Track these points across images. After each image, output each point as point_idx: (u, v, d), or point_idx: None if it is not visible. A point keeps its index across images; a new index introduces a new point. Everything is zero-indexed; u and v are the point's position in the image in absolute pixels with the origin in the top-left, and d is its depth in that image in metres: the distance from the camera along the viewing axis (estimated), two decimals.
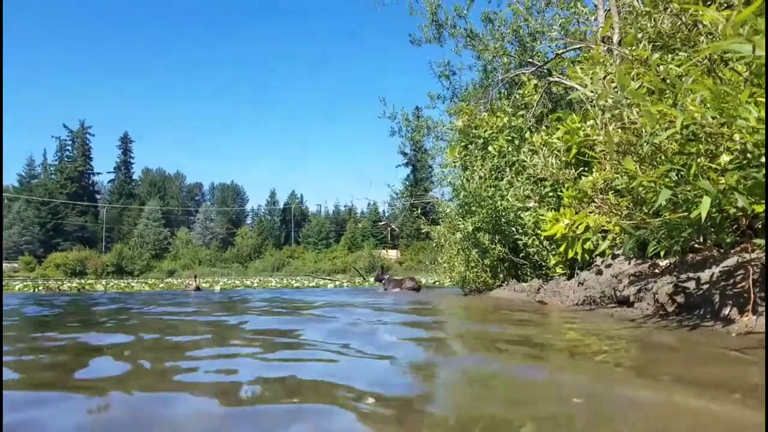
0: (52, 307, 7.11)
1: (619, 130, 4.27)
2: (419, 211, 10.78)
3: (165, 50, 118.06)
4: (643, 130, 3.94)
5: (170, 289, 14.40)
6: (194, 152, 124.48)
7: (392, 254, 59.09)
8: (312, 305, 6.55)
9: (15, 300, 8.77)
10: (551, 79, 7.64)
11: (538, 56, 9.50)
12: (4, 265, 53.96)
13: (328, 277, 26.87)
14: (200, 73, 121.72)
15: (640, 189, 4.15)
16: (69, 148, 77.32)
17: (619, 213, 4.38)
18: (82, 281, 23.43)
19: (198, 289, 12.17)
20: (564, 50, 7.94)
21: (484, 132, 8.06)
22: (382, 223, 67.64)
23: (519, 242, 7.60)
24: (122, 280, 28.89)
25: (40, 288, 14.21)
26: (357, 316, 5.07)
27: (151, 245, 68.21)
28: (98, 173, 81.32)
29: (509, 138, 7.77)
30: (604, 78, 4.39)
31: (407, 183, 59.79)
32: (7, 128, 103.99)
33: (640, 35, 4.60)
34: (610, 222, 4.47)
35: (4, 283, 15.01)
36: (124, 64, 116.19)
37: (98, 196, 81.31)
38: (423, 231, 10.52)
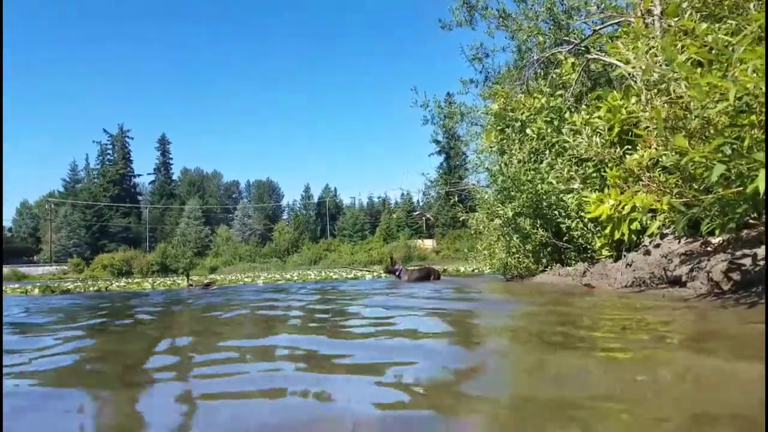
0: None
1: (666, 105, 4.14)
2: (456, 198, 10.71)
3: (195, 50, 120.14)
4: (692, 104, 3.81)
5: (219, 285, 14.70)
6: (229, 150, 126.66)
7: (428, 243, 58.90)
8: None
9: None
10: (589, 56, 7.43)
11: (575, 34, 9.25)
12: (55, 267, 55.99)
13: (365, 269, 27.03)
14: (228, 70, 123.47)
15: (690, 165, 4.01)
16: (110, 152, 79.79)
17: (669, 191, 4.26)
18: (129, 280, 24.23)
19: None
20: (602, 26, 7.71)
21: (522, 114, 7.92)
22: (417, 212, 67.53)
23: (562, 226, 7.47)
24: (168, 278, 29.77)
25: (91, 288, 14.66)
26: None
27: (193, 243, 70.02)
28: (139, 175, 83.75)
29: (548, 119, 7.61)
30: (648, 52, 4.26)
31: (441, 171, 59.41)
32: (50, 136, 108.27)
33: (684, 5, 4.43)
34: (660, 201, 4.34)
35: (55, 285, 15.52)
36: (158, 66, 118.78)
37: (140, 198, 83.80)
38: (460, 219, 10.45)
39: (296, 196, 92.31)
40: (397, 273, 10.93)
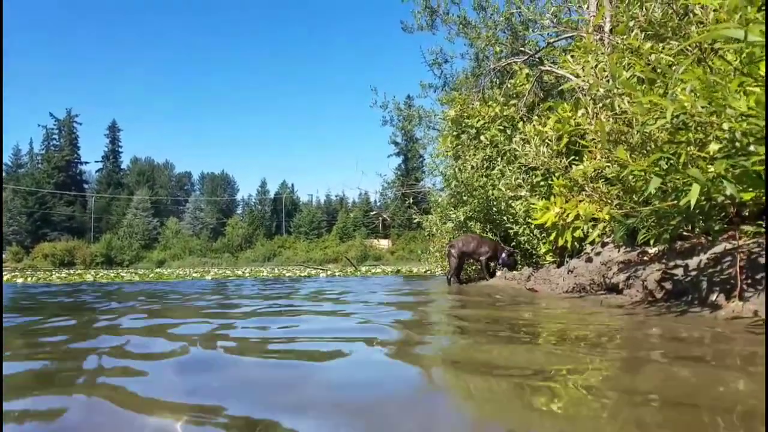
0: None
1: (611, 119, 4.31)
2: (411, 200, 10.82)
3: (152, 37, 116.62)
4: (634, 120, 3.98)
5: (160, 279, 14.34)
6: (183, 141, 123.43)
7: (384, 243, 59.21)
8: None
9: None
10: (543, 68, 7.65)
11: (530, 45, 9.51)
12: None
13: (320, 267, 26.90)
14: (186, 60, 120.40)
15: (631, 178, 4.19)
16: (56, 137, 76.16)
17: (610, 201, 4.43)
18: (71, 271, 23.25)
19: None
20: (556, 39, 7.96)
21: (477, 122, 8.08)
22: (374, 212, 67.72)
23: (510, 231, 7.66)
24: (111, 271, 28.72)
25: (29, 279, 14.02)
26: None
27: (140, 235, 67.71)
28: (86, 162, 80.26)
29: (501, 128, 7.80)
30: (596, 67, 4.42)
31: (399, 173, 59.83)
32: None
33: (631, 23, 4.62)
34: (601, 210, 4.52)
35: None
36: (112, 51, 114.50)
37: (86, 186, 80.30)
38: (414, 221, 10.56)
39: (252, 191, 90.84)
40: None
